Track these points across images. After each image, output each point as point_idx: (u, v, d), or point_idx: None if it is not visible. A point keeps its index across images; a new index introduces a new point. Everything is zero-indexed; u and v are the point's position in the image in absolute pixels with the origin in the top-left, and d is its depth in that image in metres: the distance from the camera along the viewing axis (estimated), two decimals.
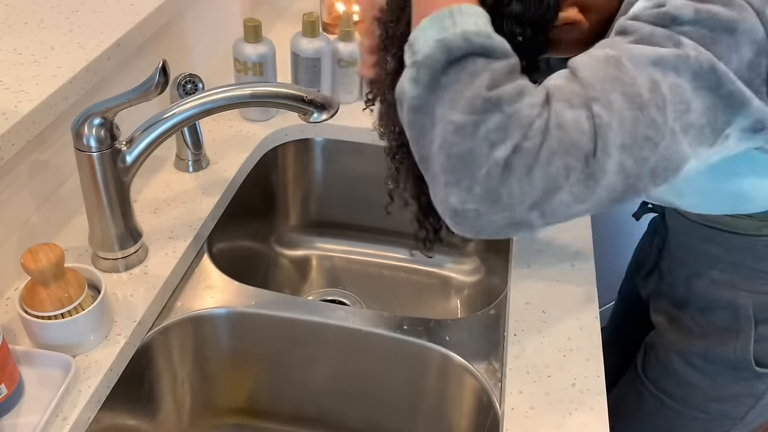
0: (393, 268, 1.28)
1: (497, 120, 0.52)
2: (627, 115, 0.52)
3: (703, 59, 0.53)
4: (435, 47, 0.54)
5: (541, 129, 0.52)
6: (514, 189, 0.52)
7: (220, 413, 1.01)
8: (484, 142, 0.52)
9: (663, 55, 0.53)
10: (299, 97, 0.84)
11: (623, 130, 0.51)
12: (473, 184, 0.52)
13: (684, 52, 0.53)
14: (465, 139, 0.52)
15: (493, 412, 0.79)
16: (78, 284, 0.76)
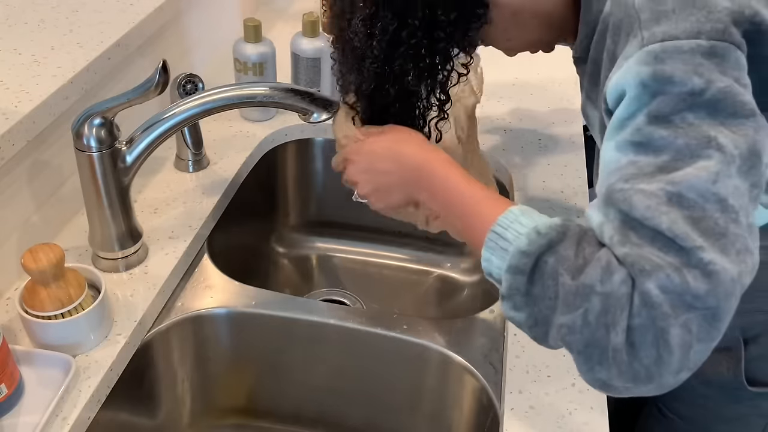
0: (393, 268, 1.28)
1: (597, 305, 0.52)
2: (717, 248, 0.51)
3: (743, 147, 0.53)
4: (509, 276, 0.57)
5: (644, 303, 0.51)
6: (648, 364, 0.52)
7: (220, 413, 1.01)
8: (599, 329, 0.52)
9: (714, 170, 0.52)
10: (299, 97, 0.84)
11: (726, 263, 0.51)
12: (609, 367, 0.53)
13: (728, 155, 0.53)
14: (581, 334, 0.53)
15: (493, 412, 0.79)
16: (78, 284, 0.76)
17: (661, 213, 0.52)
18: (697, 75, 0.54)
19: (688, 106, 0.54)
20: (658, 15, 0.56)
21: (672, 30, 0.55)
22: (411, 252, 1.29)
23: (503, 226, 0.59)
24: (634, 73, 0.56)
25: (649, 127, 0.55)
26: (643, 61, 0.55)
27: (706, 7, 0.55)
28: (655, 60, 0.55)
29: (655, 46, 0.55)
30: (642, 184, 0.54)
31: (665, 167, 0.54)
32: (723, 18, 0.54)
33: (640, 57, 0.56)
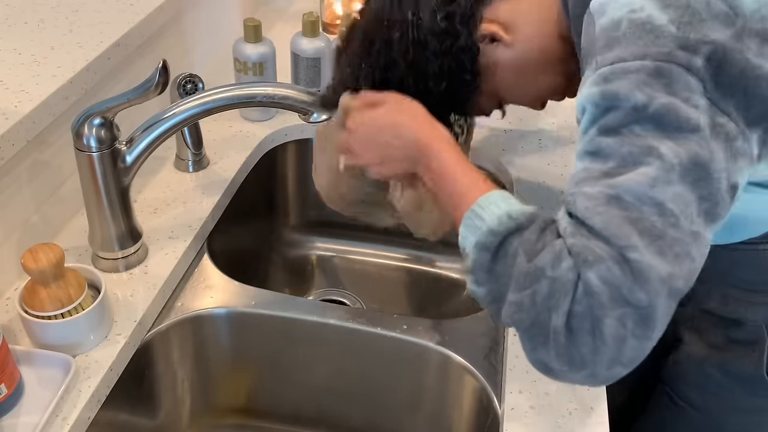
0: (393, 268, 1.28)
1: (545, 288, 0.56)
2: (652, 249, 0.54)
3: (684, 157, 0.56)
4: (476, 251, 0.61)
5: (585, 291, 0.54)
6: (584, 351, 0.54)
7: (220, 413, 1.01)
8: (543, 310, 0.56)
9: (653, 176, 0.56)
10: (299, 97, 0.84)
11: (657, 263, 0.54)
12: (549, 348, 0.56)
13: (668, 163, 0.56)
14: (527, 313, 0.57)
15: (493, 412, 0.79)
16: (78, 284, 0.76)
17: (597, 213, 0.56)
18: (640, 91, 0.58)
19: (635, 120, 0.58)
20: (610, 41, 0.61)
21: (621, 53, 0.60)
22: (411, 252, 1.29)
23: (481, 206, 0.63)
24: (587, 94, 0.61)
25: (599, 137, 0.59)
26: (595, 83, 0.60)
27: (653, 32, 0.59)
28: (604, 81, 0.59)
29: (605, 68, 0.60)
30: (586, 187, 0.58)
31: (610, 173, 0.58)
32: (668, 42, 0.58)
33: (593, 79, 0.61)
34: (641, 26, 0.59)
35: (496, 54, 0.75)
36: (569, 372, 0.56)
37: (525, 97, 0.81)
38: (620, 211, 0.55)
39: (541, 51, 0.74)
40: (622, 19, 0.61)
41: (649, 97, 0.57)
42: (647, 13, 0.60)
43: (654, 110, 0.57)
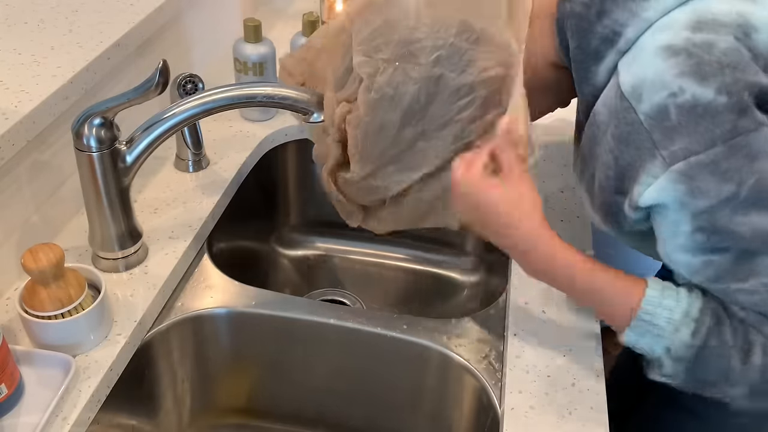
0: (393, 268, 1.28)
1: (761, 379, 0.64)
2: None
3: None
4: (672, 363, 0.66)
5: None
6: None
7: (220, 413, 1.01)
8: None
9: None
10: (299, 97, 0.83)
11: None
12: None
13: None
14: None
15: (493, 412, 0.79)
16: (78, 284, 0.76)
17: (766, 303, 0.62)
18: (725, 182, 0.59)
19: (732, 211, 0.60)
20: (668, 132, 0.60)
21: (688, 145, 0.59)
22: (411, 252, 1.29)
23: (650, 312, 0.65)
24: (669, 192, 0.61)
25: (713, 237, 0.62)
26: (675, 180, 0.60)
27: (708, 114, 0.59)
28: (687, 178, 0.60)
29: (681, 164, 0.60)
30: (734, 282, 0.63)
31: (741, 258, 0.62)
32: (726, 117, 0.58)
33: (670, 177, 0.60)
34: (692, 111, 0.59)
35: None
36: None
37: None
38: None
39: (537, 78, 0.75)
40: (668, 106, 0.60)
41: (737, 185, 0.59)
42: (690, 94, 0.59)
43: (746, 195, 0.59)
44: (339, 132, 0.79)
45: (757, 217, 0.60)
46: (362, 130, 0.75)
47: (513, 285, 0.90)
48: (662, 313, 0.65)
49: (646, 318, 0.65)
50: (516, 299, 0.88)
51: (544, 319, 0.85)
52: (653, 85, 0.61)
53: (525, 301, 0.87)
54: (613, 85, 0.66)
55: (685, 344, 0.64)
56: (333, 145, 0.80)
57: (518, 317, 0.85)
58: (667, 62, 0.60)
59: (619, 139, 0.65)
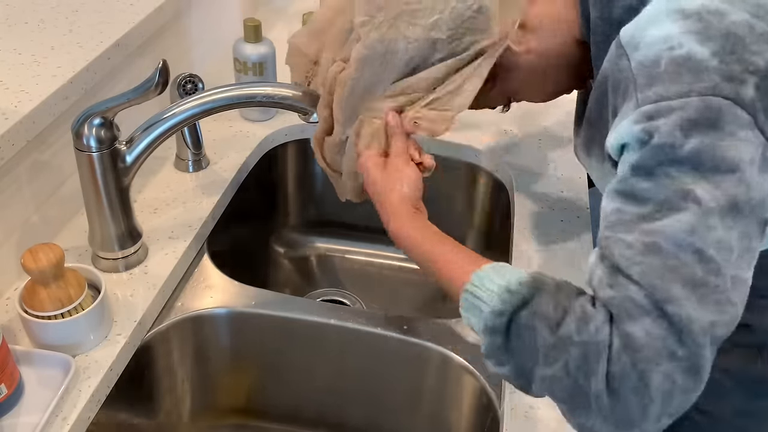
0: (393, 268, 1.28)
1: (576, 355, 0.55)
2: (694, 299, 0.53)
3: (722, 200, 0.55)
4: (486, 335, 0.61)
5: (620, 349, 0.53)
6: (631, 411, 0.53)
7: (220, 413, 1.01)
8: (580, 378, 0.54)
9: (691, 222, 0.55)
10: (299, 97, 0.84)
11: (699, 314, 0.53)
12: (591, 414, 0.55)
13: (705, 207, 0.55)
14: (563, 384, 0.56)
15: (493, 412, 0.79)
16: (78, 284, 0.76)
17: (635, 263, 0.55)
18: (680, 131, 0.56)
19: (670, 160, 0.57)
20: (651, 79, 0.59)
21: (663, 91, 0.58)
22: None
23: (476, 284, 0.64)
24: (629, 131, 0.59)
25: (634, 178, 0.58)
26: (637, 120, 0.59)
27: (695, 68, 0.58)
28: (647, 119, 0.58)
29: (649, 106, 0.58)
30: (622, 233, 0.57)
31: (645, 217, 0.57)
32: (711, 76, 0.57)
33: (635, 117, 0.59)
34: (682, 63, 0.58)
35: (514, 58, 0.74)
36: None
37: (536, 97, 0.81)
38: (659, 260, 0.55)
39: (559, 56, 0.74)
40: (661, 56, 0.59)
41: (685, 137, 0.56)
42: (687, 49, 0.59)
43: (689, 151, 0.56)
44: (329, 96, 0.78)
45: (688, 179, 0.56)
46: (349, 87, 0.75)
47: None
48: (486, 285, 0.63)
49: (471, 290, 0.64)
50: None
51: None
52: (654, 37, 0.60)
53: None
54: (616, 38, 0.65)
55: (494, 312, 0.60)
56: (322, 111, 0.80)
57: None
58: (676, 23, 0.60)
59: (614, 91, 0.64)
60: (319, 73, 0.80)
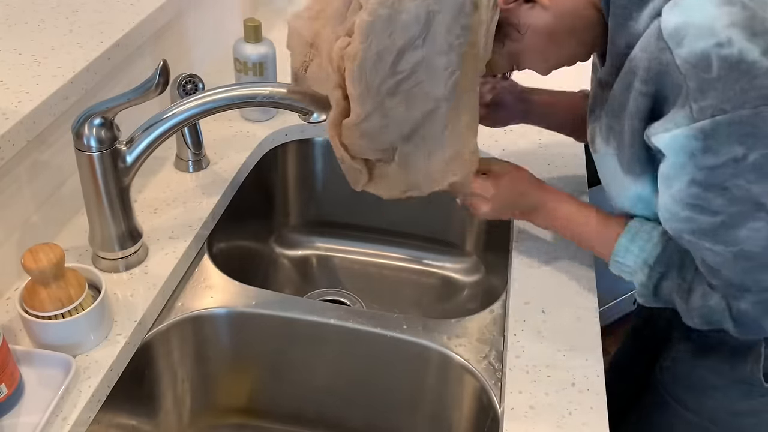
0: (393, 268, 1.28)
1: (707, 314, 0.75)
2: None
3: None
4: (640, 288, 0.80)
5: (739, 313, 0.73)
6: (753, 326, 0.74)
7: (220, 413, 1.01)
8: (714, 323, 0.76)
9: (765, 230, 0.64)
10: (299, 97, 0.83)
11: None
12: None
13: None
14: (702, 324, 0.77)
15: (493, 412, 0.79)
16: (78, 284, 0.76)
17: (727, 268, 0.68)
18: (740, 144, 0.59)
19: (736, 173, 0.61)
20: (704, 85, 0.60)
21: (719, 103, 0.59)
22: (411, 252, 1.29)
23: (620, 257, 0.79)
24: (683, 144, 0.62)
25: (704, 192, 0.64)
26: (693, 137, 0.61)
27: (749, 73, 0.58)
28: (704, 136, 0.60)
29: (706, 123, 0.60)
30: (707, 242, 0.68)
31: (721, 227, 0.65)
32: (765, 82, 0.58)
33: (690, 133, 0.61)
34: (735, 66, 0.58)
35: (531, 16, 0.72)
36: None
37: (543, 63, 0.78)
38: (749, 263, 0.67)
39: (574, 17, 0.72)
40: (711, 56, 0.59)
41: (747, 149, 0.59)
42: (738, 48, 0.58)
43: (753, 162, 0.59)
44: (338, 74, 0.75)
45: (756, 187, 0.61)
46: (359, 60, 0.72)
47: (513, 285, 0.90)
48: (628, 258, 0.78)
49: (618, 259, 0.79)
50: (516, 299, 0.88)
51: (544, 319, 0.85)
52: (700, 30, 0.59)
53: (525, 301, 0.87)
54: (654, 28, 0.64)
55: (642, 283, 0.78)
56: (334, 92, 0.77)
57: (518, 317, 0.85)
58: (720, 9, 0.59)
59: (646, 81, 0.64)
60: (323, 53, 0.77)
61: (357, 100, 0.75)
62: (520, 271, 0.92)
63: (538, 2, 0.71)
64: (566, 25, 0.73)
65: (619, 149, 0.73)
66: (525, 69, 0.80)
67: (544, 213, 0.87)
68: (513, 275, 0.91)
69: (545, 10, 0.71)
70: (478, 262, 1.25)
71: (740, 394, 0.87)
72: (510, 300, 0.88)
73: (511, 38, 0.74)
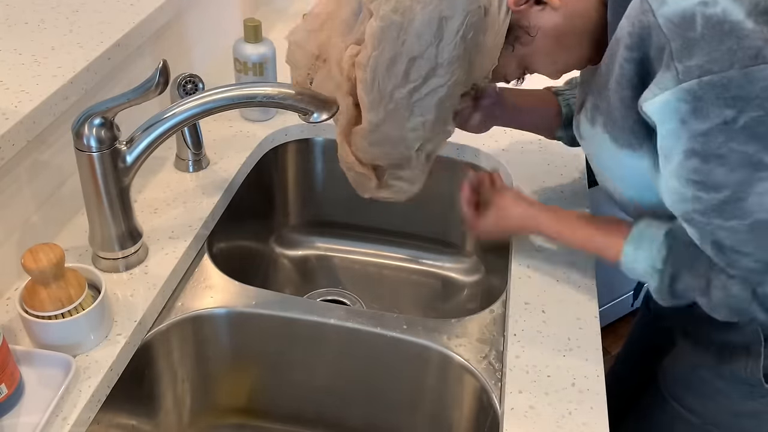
0: (393, 268, 1.28)
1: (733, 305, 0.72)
2: None
3: None
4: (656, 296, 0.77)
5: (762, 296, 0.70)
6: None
7: (220, 413, 1.01)
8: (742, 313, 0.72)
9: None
10: (299, 97, 0.83)
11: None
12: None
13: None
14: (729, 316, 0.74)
15: (493, 412, 0.79)
16: (78, 284, 0.76)
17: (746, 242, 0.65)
18: (728, 106, 0.58)
19: (729, 137, 0.59)
20: (689, 44, 0.59)
21: (705, 63, 0.58)
22: (411, 252, 1.29)
23: (630, 266, 0.77)
24: (673, 108, 0.61)
25: (703, 166, 0.62)
26: (682, 99, 0.60)
27: (734, 33, 0.57)
28: (694, 98, 0.59)
29: (693, 83, 0.59)
30: (719, 219, 0.65)
31: (730, 199, 0.63)
32: (752, 42, 0.57)
33: (678, 95, 0.60)
34: (719, 26, 0.57)
35: (541, 18, 0.72)
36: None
37: (553, 65, 0.78)
38: (764, 230, 0.64)
39: (584, 18, 0.72)
40: (695, 15, 0.58)
41: (739, 111, 0.57)
42: (722, 8, 0.57)
43: (745, 124, 0.58)
44: (349, 82, 0.75)
45: (751, 147, 0.59)
46: (371, 67, 0.71)
47: (513, 285, 0.90)
48: (637, 267, 0.76)
49: (629, 268, 0.77)
50: (516, 299, 0.88)
51: (544, 319, 0.85)
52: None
53: (525, 301, 0.87)
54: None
55: (656, 289, 0.76)
56: (344, 100, 0.77)
57: (518, 317, 0.85)
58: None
59: (631, 47, 0.63)
60: (331, 62, 0.77)
61: (368, 108, 0.75)
62: (520, 271, 0.92)
63: (548, 4, 0.71)
64: (576, 27, 0.72)
65: (610, 125, 0.72)
66: (535, 73, 0.80)
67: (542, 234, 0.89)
68: (513, 275, 0.91)
69: (555, 12, 0.71)
70: (478, 262, 1.25)
71: (741, 395, 0.86)
72: (510, 300, 0.88)
73: (521, 41, 0.73)
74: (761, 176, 0.60)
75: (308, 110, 0.84)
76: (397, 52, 0.70)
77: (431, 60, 0.71)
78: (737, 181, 0.61)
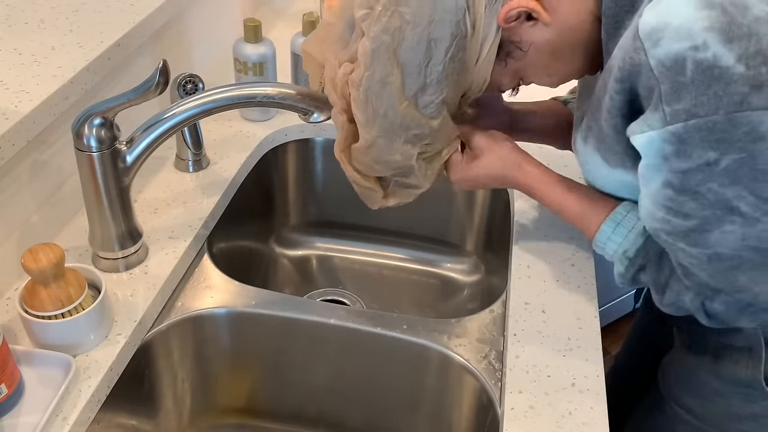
0: (393, 268, 1.28)
1: (682, 309, 0.76)
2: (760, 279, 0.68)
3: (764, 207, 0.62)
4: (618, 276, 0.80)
5: (712, 311, 0.74)
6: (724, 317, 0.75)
7: (220, 413, 1.01)
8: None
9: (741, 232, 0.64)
10: (299, 97, 0.84)
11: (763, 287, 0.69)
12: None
13: (750, 217, 0.63)
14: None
15: (493, 412, 0.79)
16: (78, 284, 0.76)
17: (702, 269, 0.69)
18: (712, 149, 0.59)
19: (709, 177, 0.61)
20: (677, 88, 0.60)
21: (692, 107, 0.59)
22: (411, 252, 1.29)
23: (601, 243, 0.79)
24: (657, 147, 0.63)
25: (678, 196, 0.64)
26: (667, 140, 0.61)
27: (722, 79, 0.58)
28: (679, 141, 0.61)
29: (679, 126, 0.60)
30: (681, 243, 0.68)
31: (695, 230, 0.66)
32: (739, 88, 0.57)
33: (663, 136, 0.61)
34: (709, 71, 0.58)
35: (533, 34, 0.72)
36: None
37: (548, 77, 0.78)
38: (722, 264, 0.67)
39: (576, 32, 0.72)
40: (686, 59, 0.58)
41: (721, 154, 0.59)
42: (713, 53, 0.58)
43: (726, 167, 0.59)
44: (343, 99, 0.76)
45: (729, 191, 0.61)
46: (364, 87, 0.73)
47: (513, 285, 0.90)
48: (609, 246, 0.78)
49: (599, 245, 0.79)
50: (516, 299, 0.88)
51: (544, 319, 0.85)
52: (677, 32, 0.59)
53: (525, 302, 0.87)
54: (633, 26, 0.63)
55: (619, 273, 0.78)
56: (339, 117, 0.78)
57: (518, 317, 0.85)
58: (700, 12, 0.58)
59: (621, 80, 0.64)
60: (327, 79, 0.79)
61: (364, 125, 0.76)
62: (520, 271, 0.92)
63: (539, 20, 0.71)
64: (569, 41, 0.73)
65: (603, 149, 0.72)
66: (529, 84, 0.80)
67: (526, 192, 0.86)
68: (513, 275, 0.91)
69: (547, 27, 0.71)
70: (478, 262, 1.25)
71: (741, 398, 0.86)
72: (510, 300, 0.88)
73: (513, 56, 0.74)
74: (732, 219, 0.63)
75: (308, 110, 0.84)
76: (389, 71, 0.72)
77: (420, 80, 0.72)
78: (706, 216, 0.64)
